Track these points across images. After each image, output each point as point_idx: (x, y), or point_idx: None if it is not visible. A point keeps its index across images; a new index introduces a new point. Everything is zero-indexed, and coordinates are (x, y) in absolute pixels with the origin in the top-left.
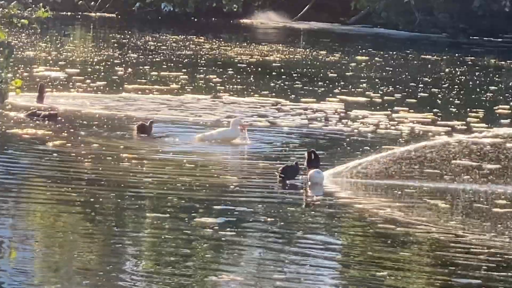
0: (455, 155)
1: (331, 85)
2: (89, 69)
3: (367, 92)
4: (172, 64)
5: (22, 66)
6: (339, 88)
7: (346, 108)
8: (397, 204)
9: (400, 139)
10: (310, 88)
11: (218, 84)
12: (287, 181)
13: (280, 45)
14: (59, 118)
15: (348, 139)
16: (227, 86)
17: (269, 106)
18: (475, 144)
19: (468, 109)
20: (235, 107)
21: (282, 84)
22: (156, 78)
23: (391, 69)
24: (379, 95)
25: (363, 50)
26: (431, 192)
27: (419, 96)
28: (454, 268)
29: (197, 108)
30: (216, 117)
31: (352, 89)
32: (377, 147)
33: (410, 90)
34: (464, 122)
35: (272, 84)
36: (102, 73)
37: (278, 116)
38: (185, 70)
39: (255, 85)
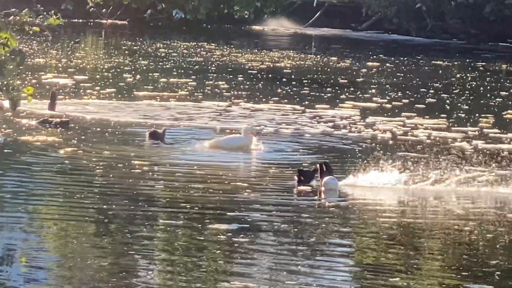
0: (470, 160)
1: (342, 91)
2: (101, 76)
3: (378, 99)
4: (182, 71)
5: (34, 73)
6: (350, 94)
7: (357, 114)
8: (411, 210)
9: (414, 146)
10: (321, 94)
11: (224, 91)
12: (303, 186)
13: (291, 51)
14: (71, 125)
15: (359, 145)
16: (237, 93)
17: (282, 113)
18: (489, 149)
19: (480, 115)
20: (247, 113)
21: (292, 91)
22: (167, 85)
23: (402, 75)
24: (390, 101)
25: (374, 56)
26: (446, 198)
27: (430, 102)
28: (466, 273)
29: (222, 115)
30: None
31: (364, 95)
32: (390, 153)
33: (422, 96)
34: (476, 128)
35: (279, 91)
36: (114, 80)
37: (291, 123)
38: (194, 76)
39: (266, 91)
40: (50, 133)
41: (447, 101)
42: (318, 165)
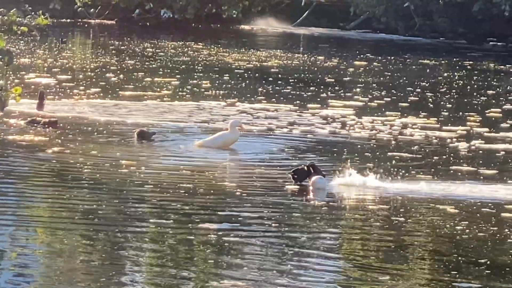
0: (462, 159)
1: (329, 90)
2: (88, 76)
3: (364, 98)
4: (168, 70)
5: (21, 73)
6: (337, 93)
7: (344, 113)
8: (400, 208)
9: (403, 145)
10: (308, 93)
11: (205, 90)
12: (297, 184)
13: (279, 50)
14: (59, 125)
15: (347, 144)
16: (221, 92)
17: (270, 112)
18: (478, 147)
19: (467, 114)
20: (230, 112)
21: (278, 90)
22: (152, 85)
23: (389, 74)
24: (377, 100)
25: (362, 55)
26: (436, 197)
27: (418, 101)
28: (456, 272)
29: (207, 114)
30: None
31: (350, 94)
32: (377, 153)
33: (409, 95)
34: (465, 127)
35: (263, 90)
36: (101, 80)
37: (280, 122)
38: (179, 76)
39: (252, 91)
40: (38, 133)
41: (435, 100)
42: (306, 167)
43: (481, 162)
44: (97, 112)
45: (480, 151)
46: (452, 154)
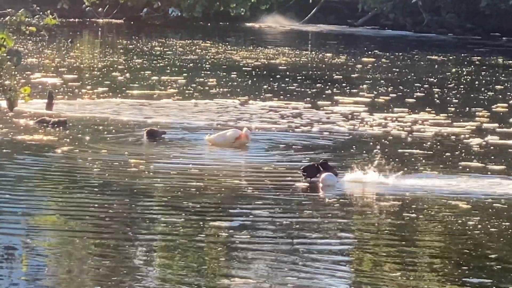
0: (471, 155)
1: (336, 87)
2: (97, 75)
3: (372, 94)
4: (176, 69)
5: (28, 73)
6: (345, 90)
7: (353, 110)
8: (411, 205)
9: (412, 141)
10: (316, 90)
11: (215, 88)
12: (307, 181)
13: (287, 48)
14: (69, 124)
15: (356, 141)
16: (229, 90)
17: (278, 109)
18: (487, 143)
19: (476, 109)
20: (239, 110)
21: (286, 88)
22: (160, 83)
23: (397, 70)
24: (385, 96)
25: (369, 52)
26: (447, 192)
27: (426, 97)
28: (467, 268)
29: (212, 112)
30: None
31: (358, 91)
32: (387, 149)
33: (417, 91)
34: (475, 123)
35: (272, 88)
36: (109, 79)
37: (289, 120)
38: (186, 74)
39: (260, 88)
40: (48, 132)
41: (443, 95)
42: (316, 164)
43: (491, 157)
44: (107, 111)
45: (491, 147)
46: (462, 150)
